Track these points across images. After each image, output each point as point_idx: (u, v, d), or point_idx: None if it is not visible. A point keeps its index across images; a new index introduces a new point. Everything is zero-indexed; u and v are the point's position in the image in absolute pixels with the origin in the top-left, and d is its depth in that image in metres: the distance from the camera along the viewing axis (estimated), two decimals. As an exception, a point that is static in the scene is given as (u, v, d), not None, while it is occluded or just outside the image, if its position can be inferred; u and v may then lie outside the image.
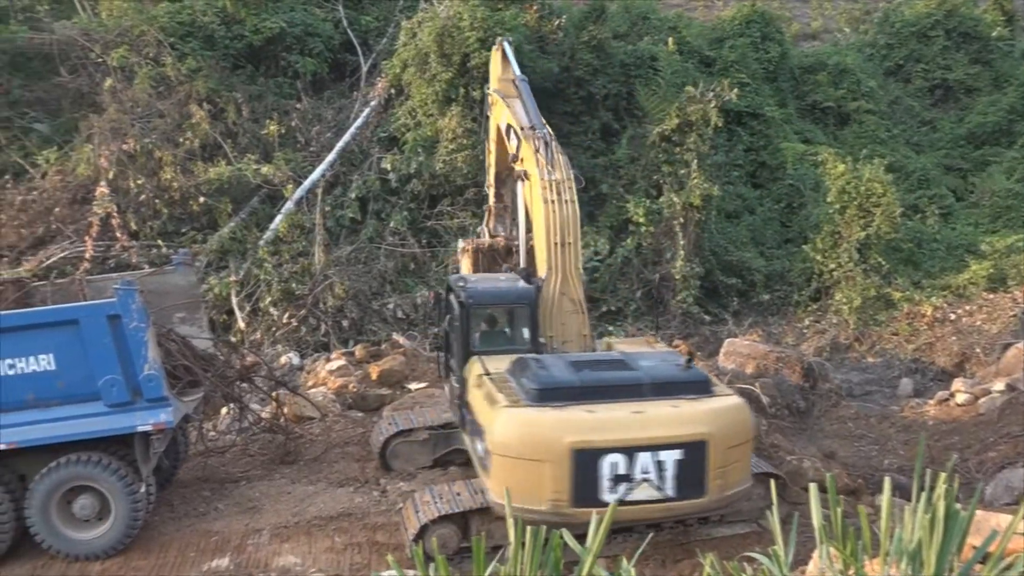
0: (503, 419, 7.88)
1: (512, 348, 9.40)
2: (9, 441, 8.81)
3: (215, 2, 19.91)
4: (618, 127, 21.25)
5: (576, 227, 9.78)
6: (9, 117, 18.31)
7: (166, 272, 10.93)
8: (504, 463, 7.83)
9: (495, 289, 9.82)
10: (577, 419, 7.81)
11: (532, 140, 10.28)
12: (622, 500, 7.62)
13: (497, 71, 12.06)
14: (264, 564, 9.07)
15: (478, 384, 8.75)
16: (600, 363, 8.81)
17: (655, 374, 8.46)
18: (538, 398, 7.94)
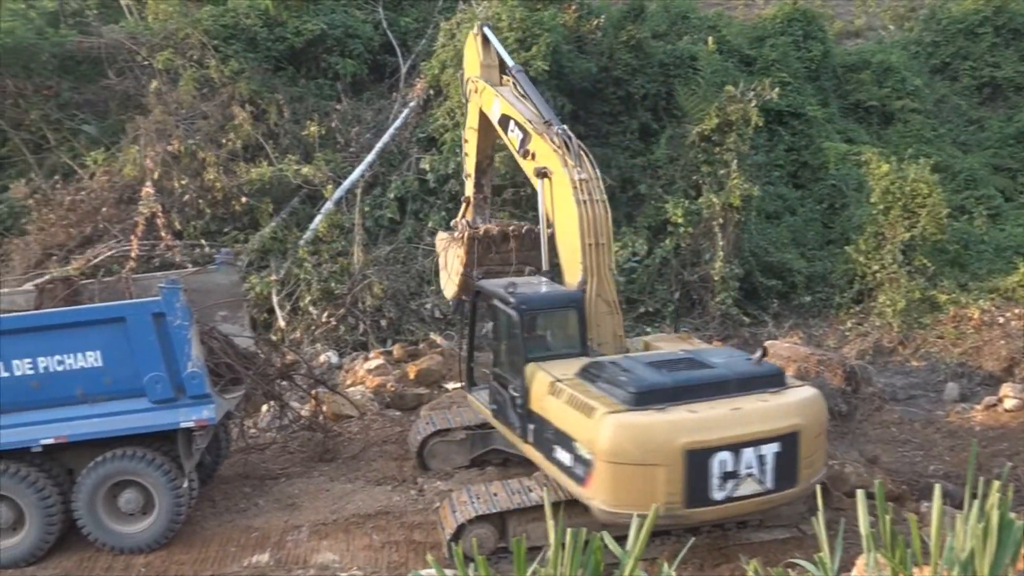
0: (610, 425, 7.66)
1: (564, 353, 9.30)
2: (58, 435, 9.03)
3: (257, 5, 20.17)
4: (657, 127, 21.10)
5: (608, 227, 9.68)
6: (59, 119, 18.72)
7: (209, 271, 11.10)
8: (614, 470, 7.64)
9: (546, 294, 9.60)
10: (687, 420, 7.75)
11: (550, 136, 10.04)
12: (729, 496, 7.78)
13: (478, 57, 11.70)
14: (303, 560, 9.18)
15: (553, 391, 8.50)
16: (677, 362, 8.70)
17: (736, 370, 8.49)
18: (636, 401, 7.80)
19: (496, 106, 11.04)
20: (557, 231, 10.02)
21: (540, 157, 10.14)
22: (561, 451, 8.34)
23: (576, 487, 8.12)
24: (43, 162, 18.57)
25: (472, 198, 12.14)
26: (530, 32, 18.37)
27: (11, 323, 9.10)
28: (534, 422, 8.87)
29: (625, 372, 8.28)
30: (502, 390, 9.63)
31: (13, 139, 18.64)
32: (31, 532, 9.19)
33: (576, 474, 8.09)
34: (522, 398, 9.03)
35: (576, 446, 8.04)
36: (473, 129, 11.78)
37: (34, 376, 8.86)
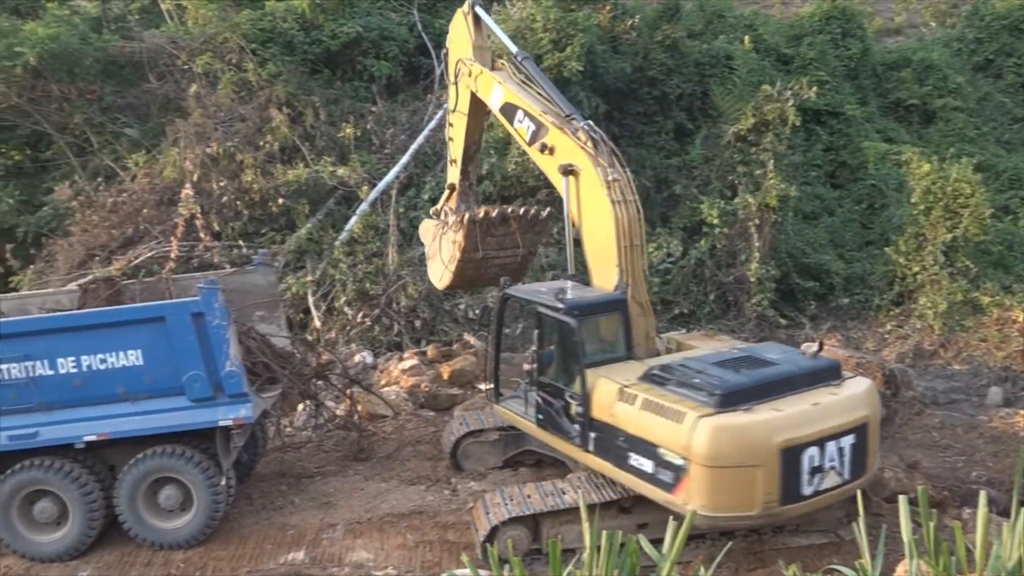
0: (707, 429, 7.60)
1: (611, 357, 9.23)
2: (100, 433, 9.21)
3: (294, 8, 20.39)
4: (692, 127, 20.96)
5: (641, 228, 9.53)
6: (102, 122, 19.08)
7: (247, 272, 11.23)
8: (712, 474, 7.60)
9: (594, 298, 9.38)
10: (779, 419, 7.76)
11: (574, 131, 9.74)
12: (816, 491, 7.88)
13: (468, 37, 11.16)
14: (338, 559, 9.26)
15: (623, 397, 8.41)
16: (741, 361, 8.67)
17: (800, 365, 8.55)
18: (722, 403, 7.78)
19: (498, 93, 10.58)
20: (585, 232, 9.76)
21: (562, 153, 9.81)
22: (639, 458, 8.22)
23: (663, 493, 8.01)
24: (86, 165, 18.95)
25: (458, 185, 11.72)
26: (564, 33, 18.34)
27: (56, 322, 9.31)
28: (598, 430, 8.71)
29: (699, 374, 8.22)
30: (551, 399, 9.41)
31: (58, 142, 19.05)
32: (74, 527, 9.39)
33: (662, 480, 7.99)
34: (582, 406, 8.85)
35: (661, 452, 7.95)
36: (462, 114, 11.29)
37: (77, 374, 9.04)
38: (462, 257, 10.90)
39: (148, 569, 9.23)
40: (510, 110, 10.42)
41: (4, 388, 8.99)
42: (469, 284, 12.17)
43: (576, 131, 9.72)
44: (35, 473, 9.31)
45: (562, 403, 9.26)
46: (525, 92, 10.36)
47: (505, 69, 10.88)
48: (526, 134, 10.20)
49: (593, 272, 9.80)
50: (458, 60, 11.23)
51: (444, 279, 11.50)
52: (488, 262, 11.17)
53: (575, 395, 9.02)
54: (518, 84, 10.50)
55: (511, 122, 10.42)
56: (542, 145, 9.96)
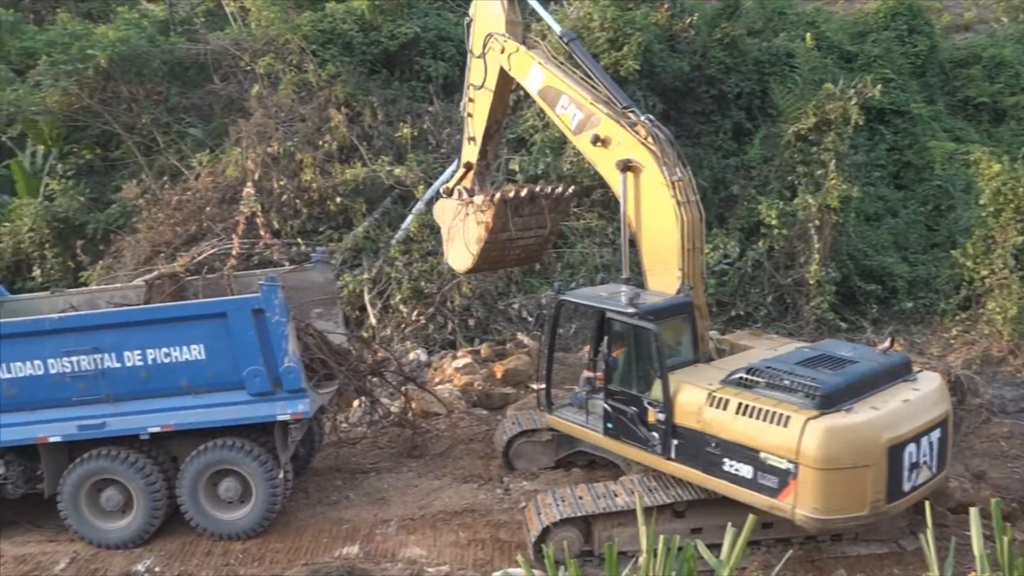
0: (819, 431, 7.54)
1: (682, 361, 9.11)
2: (165, 424, 9.48)
3: (354, 9, 20.66)
4: (751, 126, 20.63)
5: (702, 230, 9.37)
6: (168, 123, 19.62)
7: (306, 269, 11.42)
8: (824, 476, 7.54)
9: (665, 302, 9.17)
10: (882, 417, 7.77)
11: (632, 125, 9.37)
12: (913, 486, 7.96)
13: (501, 9, 10.49)
14: (391, 554, 9.36)
15: (714, 403, 8.29)
16: (822, 360, 8.59)
17: (878, 362, 8.55)
18: (824, 404, 7.73)
19: (537, 74, 10.07)
20: (644, 233, 9.49)
21: (618, 147, 9.45)
22: (736, 464, 8.12)
23: (766, 499, 7.91)
24: (153, 164, 19.50)
25: (475, 164, 11.26)
26: (621, 32, 18.21)
27: (123, 317, 9.62)
28: (681, 437, 8.58)
29: (790, 375, 8.12)
30: (623, 406, 9.23)
31: (126, 142, 19.64)
32: (138, 515, 9.69)
33: (765, 486, 7.90)
34: (664, 413, 8.69)
35: (764, 457, 7.86)
36: (488, 90, 10.72)
37: (143, 367, 9.33)
38: (489, 238, 10.57)
39: (208, 559, 9.46)
40: (552, 94, 9.95)
41: (75, 380, 9.32)
42: (492, 266, 11.81)
43: (635, 125, 9.38)
44: (102, 462, 9.63)
45: (637, 411, 9.04)
46: (570, 76, 9.93)
47: (541, 47, 10.41)
48: (571, 122, 9.80)
49: (649, 274, 9.57)
50: (488, 34, 10.60)
51: (467, 262, 11.11)
52: (512, 243, 10.91)
53: (654, 402, 8.83)
54: (559, 66, 10.07)
55: (552, 107, 10.00)
56: (594, 136, 9.57)
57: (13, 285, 17.44)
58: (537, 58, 10.14)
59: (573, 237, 17.90)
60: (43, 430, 9.55)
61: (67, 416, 9.51)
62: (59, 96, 18.53)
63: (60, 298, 11.30)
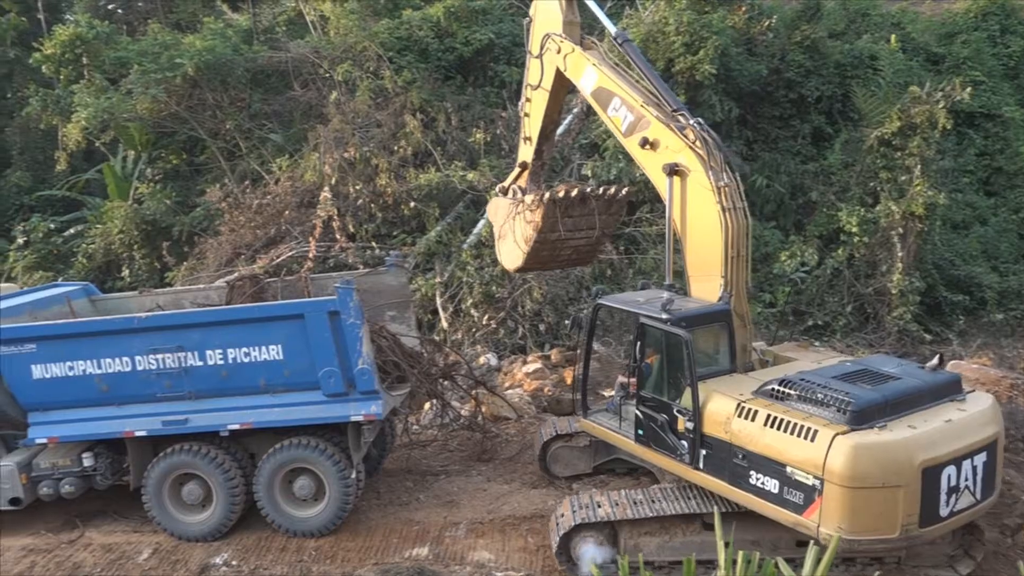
0: (847, 448, 7.30)
1: (716, 370, 8.95)
2: (244, 422, 9.74)
3: (430, 17, 20.95)
4: (831, 131, 20.11)
5: (749, 237, 9.10)
6: (250, 128, 20.24)
7: (380, 272, 11.58)
8: (851, 495, 7.29)
9: (700, 309, 9.02)
10: (918, 437, 7.46)
11: (681, 128, 9.18)
12: (952, 511, 7.58)
13: (559, 10, 10.39)
14: (460, 557, 9.41)
15: (743, 413, 8.13)
16: (862, 375, 8.32)
17: (923, 380, 8.20)
18: (856, 420, 7.49)
19: (591, 76, 9.96)
20: (688, 238, 9.29)
21: (666, 150, 9.27)
22: (762, 477, 7.94)
23: (791, 515, 7.72)
24: (235, 168, 20.15)
25: (530, 164, 11.15)
26: (697, 36, 17.98)
27: (206, 317, 9.93)
28: (709, 447, 8.44)
29: (824, 389, 7.88)
30: (654, 413, 9.12)
31: (210, 147, 20.35)
32: (217, 510, 9.99)
33: (790, 501, 7.70)
34: (693, 421, 8.56)
35: (790, 471, 7.67)
36: (545, 90, 10.66)
37: (224, 366, 9.59)
38: (538, 238, 10.49)
39: (282, 555, 9.68)
40: (604, 96, 9.84)
41: (160, 377, 9.66)
42: (542, 266, 11.71)
43: (684, 128, 9.21)
44: (184, 457, 9.96)
45: (668, 418, 8.95)
46: (623, 78, 9.81)
47: (597, 48, 10.31)
48: (621, 124, 9.67)
49: (692, 280, 9.40)
50: (545, 35, 10.57)
51: (517, 260, 11.02)
52: (563, 243, 10.79)
53: (684, 410, 8.71)
54: (613, 68, 9.95)
55: (604, 109, 9.89)
56: (643, 139, 9.43)
57: (104, 284, 18.25)
58: (592, 59, 10.06)
59: (645, 243, 17.72)
60: (130, 424, 9.93)
61: (152, 412, 9.86)
62: (149, 103, 19.30)
63: (147, 297, 11.75)
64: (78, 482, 10.31)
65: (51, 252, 20.81)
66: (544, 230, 10.39)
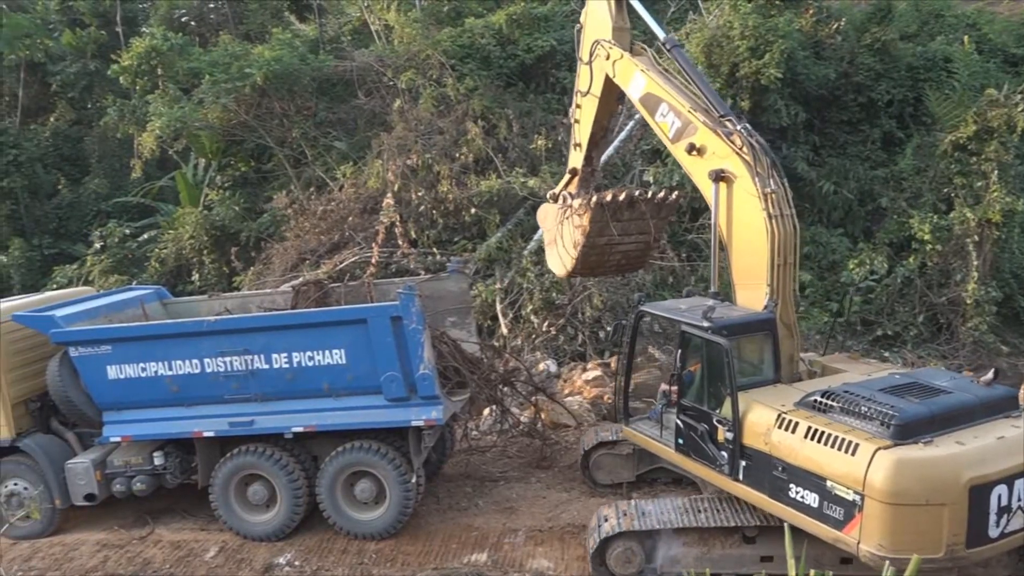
0: (889, 463, 7.09)
1: (759, 380, 8.76)
2: (308, 425, 9.91)
3: (492, 24, 21.08)
4: (902, 135, 19.51)
5: (796, 245, 8.89)
6: (315, 136, 20.63)
7: (441, 278, 11.67)
8: (893, 512, 7.07)
9: (743, 318, 8.83)
10: (966, 454, 7.18)
11: (728, 134, 9.01)
12: (1002, 533, 7.26)
13: (609, 16, 10.32)
14: (519, 564, 9.40)
15: (784, 425, 7.95)
16: (909, 388, 8.07)
17: (976, 394, 7.88)
18: (901, 434, 7.27)
19: (639, 82, 9.88)
20: (734, 245, 9.13)
21: (712, 156, 9.15)
22: (802, 491, 7.76)
23: (830, 530, 7.53)
24: (301, 175, 20.56)
25: (580, 171, 11.16)
26: (763, 39, 17.67)
27: (272, 321, 10.14)
28: (749, 458, 8.29)
29: (867, 401, 7.66)
30: (694, 423, 8.99)
31: (277, 155, 20.81)
32: (281, 510, 10.20)
33: (830, 516, 7.51)
34: (733, 432, 8.42)
35: (830, 486, 7.48)
36: (594, 96, 10.65)
37: (289, 369, 9.79)
38: (586, 242, 10.43)
39: (343, 556, 9.82)
40: (652, 102, 9.76)
41: (227, 379, 9.91)
42: (591, 271, 11.65)
43: (731, 134, 9.07)
44: (250, 458, 10.19)
45: (707, 428, 8.79)
46: (671, 84, 9.71)
47: (646, 54, 10.23)
48: (669, 130, 9.58)
49: (738, 288, 9.22)
50: (595, 41, 10.53)
51: (565, 265, 11.02)
52: (612, 248, 10.71)
53: (724, 420, 8.54)
54: (662, 73, 9.88)
55: (652, 115, 9.80)
56: (689, 145, 9.32)
57: (175, 288, 18.80)
58: (640, 65, 9.98)
59: (707, 250, 17.46)
60: (198, 425, 10.21)
61: (220, 413, 10.13)
62: (219, 112, 19.84)
63: (216, 301, 12.06)
64: (149, 480, 10.64)
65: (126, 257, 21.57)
66: (592, 234, 10.35)
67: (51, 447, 10.83)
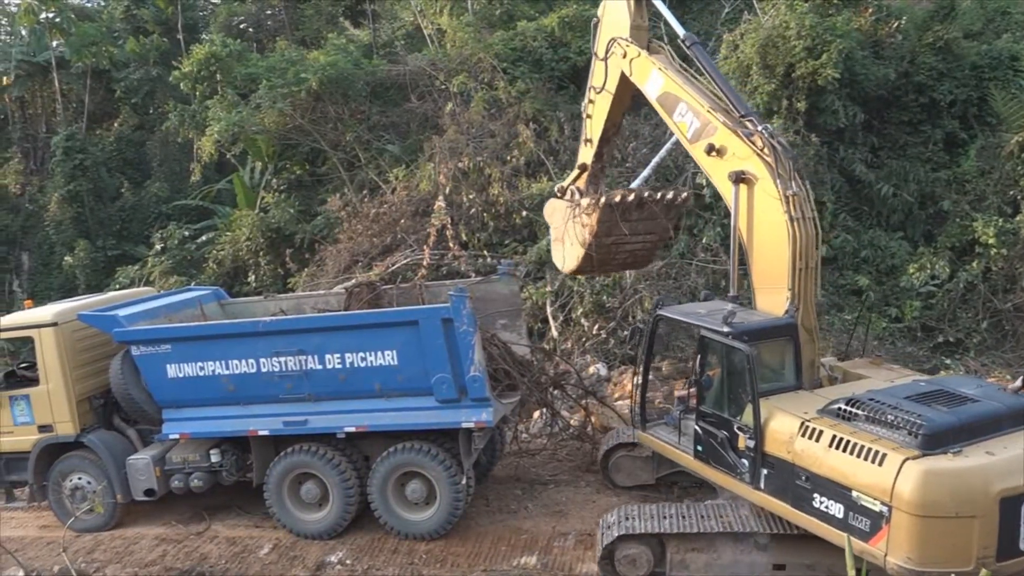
0: (918, 474, 6.90)
1: (780, 387, 8.57)
2: (359, 425, 10.01)
3: (544, 27, 21.09)
4: (965, 136, 18.94)
5: (818, 249, 8.66)
6: (368, 140, 20.91)
7: (492, 281, 11.68)
8: (922, 524, 6.90)
9: (764, 323, 8.64)
10: (997, 464, 7.00)
11: (748, 135, 8.83)
12: None
13: (627, 14, 10.11)
14: (568, 568, 9.36)
15: (807, 433, 7.79)
16: (936, 395, 7.83)
17: (1004, 403, 7.63)
18: (929, 444, 7.08)
19: (656, 80, 9.73)
20: (754, 249, 8.93)
21: (732, 157, 8.97)
22: (826, 501, 7.59)
23: (857, 542, 7.31)
24: (354, 178, 20.86)
25: (590, 167, 11.05)
26: (820, 39, 17.34)
27: (325, 322, 10.27)
28: (771, 467, 8.11)
29: (893, 409, 7.46)
30: (714, 430, 8.81)
31: (331, 158, 21.14)
32: (333, 509, 10.32)
33: (856, 527, 7.34)
34: (754, 439, 8.23)
35: (856, 496, 7.31)
36: (609, 93, 10.48)
37: (342, 369, 9.89)
38: (594, 242, 10.37)
39: (394, 556, 9.89)
40: (670, 101, 9.59)
41: (282, 379, 10.06)
42: (597, 269, 11.53)
43: (751, 135, 8.88)
44: (303, 457, 10.33)
45: (728, 435, 8.60)
46: (689, 83, 9.54)
47: (663, 52, 10.05)
48: (687, 130, 9.41)
49: (758, 293, 9.02)
50: (611, 39, 10.33)
51: (570, 263, 10.97)
52: (619, 247, 10.66)
53: (745, 427, 8.35)
54: (680, 72, 9.69)
55: (670, 115, 9.62)
56: (709, 146, 9.13)
57: (232, 289, 19.23)
58: (658, 63, 9.83)
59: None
60: (253, 424, 10.39)
61: (274, 412, 10.28)
62: (276, 117, 20.24)
63: (271, 302, 12.26)
64: (206, 477, 10.86)
65: (185, 258, 22.16)
66: (600, 234, 10.29)
67: (113, 443, 11.15)
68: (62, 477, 11.23)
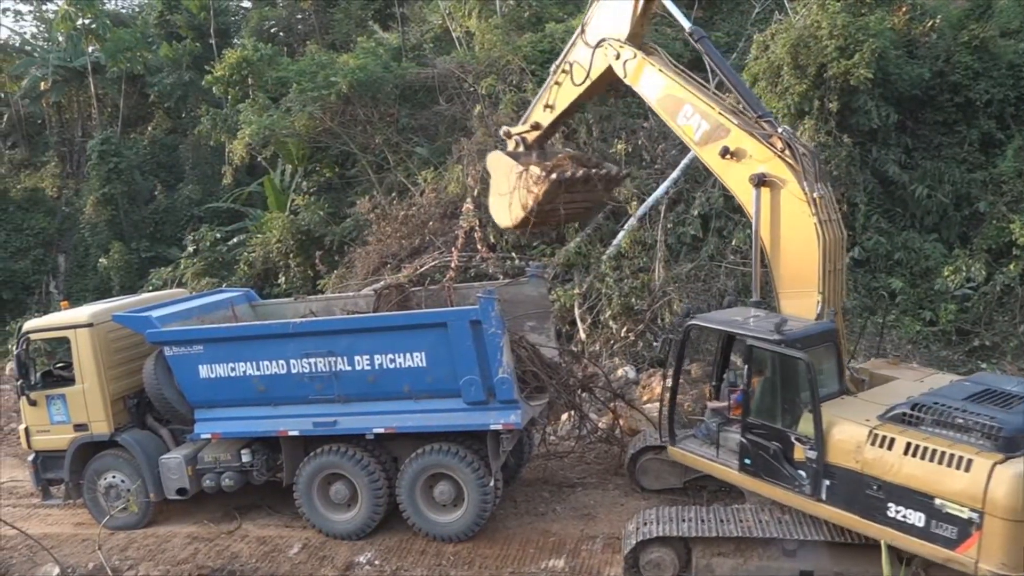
0: (1008, 477, 6.81)
1: (827, 393, 8.40)
2: (388, 426, 10.06)
3: (572, 28, 21.00)
4: (1002, 136, 18.59)
5: (843, 251, 8.59)
6: (397, 142, 21.01)
7: (520, 283, 11.69)
8: (1016, 529, 6.82)
9: (811, 329, 8.46)
10: None
11: (767, 137, 8.66)
12: None
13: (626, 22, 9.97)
14: (596, 572, 9.35)
15: (877, 441, 7.63)
16: (992, 395, 7.75)
17: None
18: (1010, 447, 7.00)
19: (656, 83, 9.50)
20: (779, 252, 8.77)
21: (751, 160, 8.78)
22: (903, 510, 7.44)
23: (942, 550, 7.22)
24: (383, 181, 20.95)
25: (543, 129, 11.34)
26: (852, 39, 17.12)
27: (355, 323, 10.34)
28: (835, 477, 7.94)
29: (962, 412, 7.35)
30: (764, 441, 8.59)
31: (361, 161, 21.26)
32: (362, 510, 10.38)
33: (941, 536, 7.20)
34: (815, 450, 8.05)
35: (940, 504, 7.18)
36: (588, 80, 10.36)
37: (371, 371, 9.94)
38: (535, 208, 10.84)
39: (422, 557, 9.92)
40: (673, 104, 9.37)
41: (312, 380, 10.13)
42: (535, 226, 11.81)
43: (769, 136, 8.71)
44: (332, 458, 10.40)
45: (782, 446, 8.38)
46: (694, 84, 9.35)
47: (658, 53, 9.86)
48: (694, 133, 9.21)
49: (783, 297, 8.87)
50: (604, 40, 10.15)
51: (508, 221, 11.46)
52: (555, 211, 11.09)
53: (804, 438, 8.17)
54: (681, 73, 9.50)
55: (673, 118, 9.41)
56: (724, 149, 8.94)
57: (262, 290, 19.41)
58: (656, 64, 9.63)
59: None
60: (284, 424, 10.48)
61: (304, 413, 10.36)
62: (306, 120, 20.40)
63: (301, 304, 12.37)
64: (237, 476, 10.98)
65: (217, 260, 22.42)
66: (543, 203, 10.78)
67: (147, 442, 11.31)
68: (97, 475, 11.41)
